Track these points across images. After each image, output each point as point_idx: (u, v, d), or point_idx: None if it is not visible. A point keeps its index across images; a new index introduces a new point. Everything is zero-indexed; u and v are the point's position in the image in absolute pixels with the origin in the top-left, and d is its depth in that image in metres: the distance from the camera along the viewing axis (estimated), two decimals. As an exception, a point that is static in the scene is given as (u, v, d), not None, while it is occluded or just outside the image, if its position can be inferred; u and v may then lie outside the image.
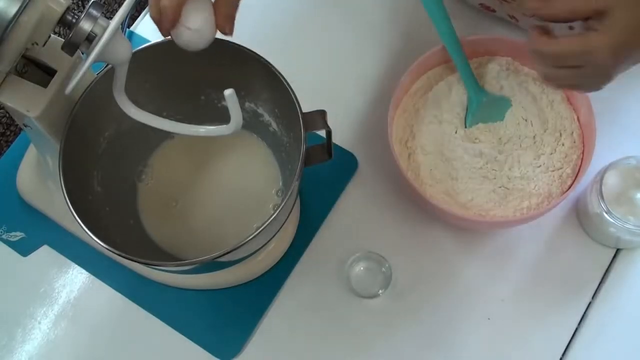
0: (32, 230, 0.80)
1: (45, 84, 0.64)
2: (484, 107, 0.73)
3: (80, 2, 0.97)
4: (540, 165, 0.71)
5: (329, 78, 0.85)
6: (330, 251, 0.77)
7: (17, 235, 0.80)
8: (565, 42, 0.54)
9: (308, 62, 0.86)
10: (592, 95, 0.71)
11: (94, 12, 0.56)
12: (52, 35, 0.61)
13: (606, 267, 0.75)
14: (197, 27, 0.56)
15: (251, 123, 0.76)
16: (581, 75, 0.55)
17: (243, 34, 0.72)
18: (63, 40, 0.56)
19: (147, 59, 0.68)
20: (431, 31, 0.71)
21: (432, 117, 0.74)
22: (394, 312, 0.75)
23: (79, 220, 0.62)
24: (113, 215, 0.73)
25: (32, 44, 0.58)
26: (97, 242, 0.62)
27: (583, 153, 0.72)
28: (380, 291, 0.75)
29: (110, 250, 0.62)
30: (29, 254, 0.79)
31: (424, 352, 0.73)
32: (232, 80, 0.63)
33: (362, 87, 0.84)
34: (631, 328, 0.72)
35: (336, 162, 0.71)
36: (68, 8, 0.57)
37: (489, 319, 0.74)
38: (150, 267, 0.72)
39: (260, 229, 0.61)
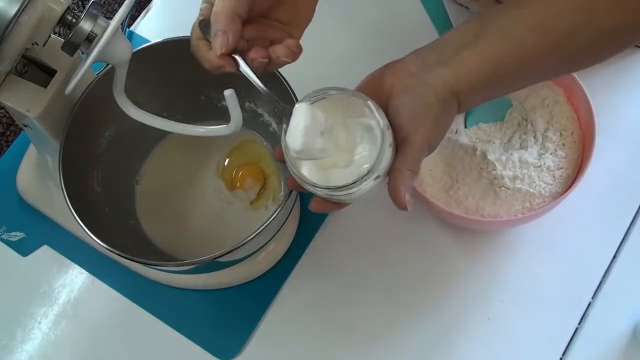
0: (32, 230, 0.80)
1: (45, 84, 0.64)
2: (484, 107, 0.73)
3: (80, 2, 0.97)
4: (540, 165, 0.71)
5: (329, 78, 0.85)
6: (330, 251, 0.77)
7: (17, 235, 0.80)
8: None
9: (308, 61, 0.86)
10: (592, 95, 0.71)
11: (94, 12, 0.56)
12: (52, 35, 0.61)
13: (606, 267, 0.75)
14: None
15: (251, 123, 0.76)
16: None
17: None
18: (63, 40, 0.56)
19: (147, 59, 0.68)
20: (431, 32, 0.71)
21: (432, 117, 0.74)
22: (394, 312, 0.75)
23: (79, 220, 0.62)
24: (113, 215, 0.73)
25: (32, 44, 0.58)
26: (97, 242, 0.62)
27: (583, 153, 0.72)
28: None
29: (110, 250, 0.62)
30: (29, 254, 0.79)
31: (424, 352, 0.73)
32: (232, 80, 0.62)
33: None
34: (631, 328, 0.72)
35: (336, 162, 0.71)
36: (68, 8, 0.57)
37: (489, 319, 0.74)
38: (150, 267, 0.72)
39: (260, 229, 0.61)
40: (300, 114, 0.51)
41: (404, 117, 0.52)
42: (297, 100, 0.64)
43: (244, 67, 0.54)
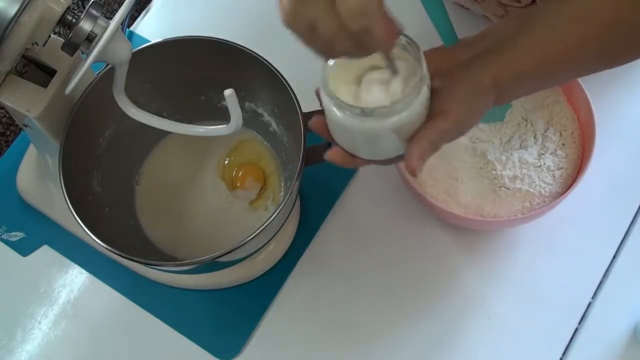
0: (32, 230, 0.80)
1: (45, 84, 0.64)
2: (484, 107, 0.73)
3: (80, 2, 0.97)
4: (540, 165, 0.71)
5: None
6: (330, 251, 0.77)
7: (17, 235, 0.80)
8: None
9: (308, 62, 0.86)
10: (592, 95, 0.71)
11: (94, 12, 0.56)
12: (52, 35, 0.61)
13: (606, 267, 0.75)
14: None
15: (251, 123, 0.76)
16: None
17: (243, 34, 0.72)
18: (63, 40, 0.56)
19: (147, 59, 0.68)
20: (431, 32, 0.71)
21: (432, 117, 0.74)
22: (394, 312, 0.75)
23: (79, 220, 0.62)
24: (113, 215, 0.73)
25: (32, 44, 0.58)
26: (97, 242, 0.62)
27: (583, 153, 0.72)
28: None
29: (110, 250, 0.62)
30: (29, 254, 0.79)
31: (424, 352, 0.73)
32: (232, 80, 0.63)
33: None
34: (631, 328, 0.72)
35: (336, 162, 0.71)
36: (68, 8, 0.57)
37: (489, 319, 0.74)
38: (150, 267, 0.72)
39: (261, 229, 0.61)
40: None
41: (441, 97, 0.52)
42: (299, 107, 0.64)
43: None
